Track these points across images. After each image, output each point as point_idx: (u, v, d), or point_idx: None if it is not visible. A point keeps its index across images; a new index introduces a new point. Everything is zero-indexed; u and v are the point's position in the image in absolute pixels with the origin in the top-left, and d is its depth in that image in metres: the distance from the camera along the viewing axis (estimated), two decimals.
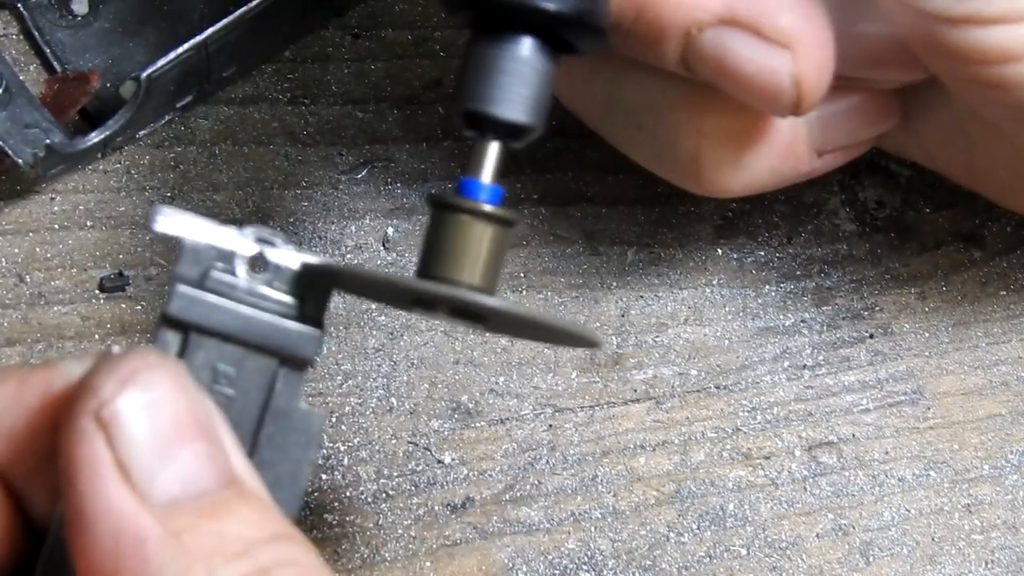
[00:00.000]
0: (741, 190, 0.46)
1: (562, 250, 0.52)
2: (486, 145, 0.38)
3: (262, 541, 0.31)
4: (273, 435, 0.35)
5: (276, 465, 0.35)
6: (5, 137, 0.47)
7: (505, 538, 0.49)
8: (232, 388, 0.35)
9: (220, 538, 0.31)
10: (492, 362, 0.51)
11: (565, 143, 0.53)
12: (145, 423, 0.31)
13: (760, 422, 0.51)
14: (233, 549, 0.30)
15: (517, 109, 0.38)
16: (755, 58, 0.40)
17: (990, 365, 0.53)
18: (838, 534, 0.50)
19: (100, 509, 0.30)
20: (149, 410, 0.31)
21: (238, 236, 0.36)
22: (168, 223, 0.35)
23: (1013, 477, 0.51)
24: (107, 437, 0.31)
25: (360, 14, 0.54)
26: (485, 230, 0.38)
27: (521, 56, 0.38)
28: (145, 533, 0.30)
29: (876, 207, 0.54)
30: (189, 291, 0.35)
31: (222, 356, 0.35)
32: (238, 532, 0.31)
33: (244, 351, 0.35)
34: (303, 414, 0.36)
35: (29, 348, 0.49)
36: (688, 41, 0.40)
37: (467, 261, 0.37)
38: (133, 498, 0.30)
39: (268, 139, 0.52)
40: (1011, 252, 0.54)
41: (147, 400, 0.31)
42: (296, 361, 0.36)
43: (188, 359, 0.35)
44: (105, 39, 0.51)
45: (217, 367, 0.35)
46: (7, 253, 0.50)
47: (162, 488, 0.31)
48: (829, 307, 0.53)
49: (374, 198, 0.52)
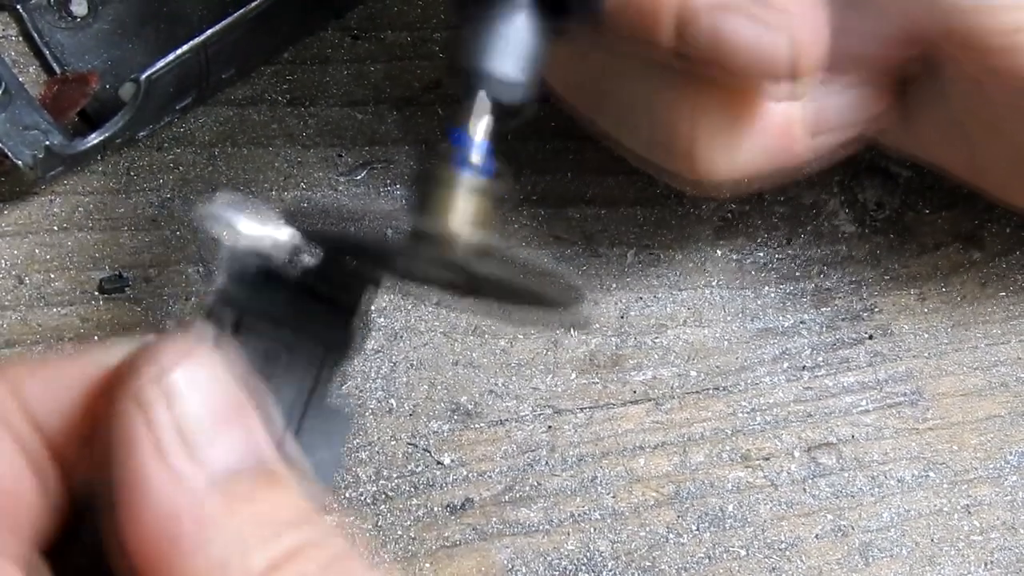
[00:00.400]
0: (735, 173, 0.46)
1: (561, 251, 0.52)
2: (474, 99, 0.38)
3: (293, 524, 0.32)
4: (315, 422, 0.36)
5: (315, 452, 0.36)
6: (4, 139, 0.47)
7: (504, 539, 0.49)
8: (281, 371, 0.36)
9: (252, 520, 0.31)
10: (491, 363, 0.51)
11: (564, 144, 0.53)
12: (201, 396, 0.32)
13: (759, 423, 0.51)
14: (264, 531, 0.31)
15: (507, 65, 0.38)
16: (752, 25, 0.40)
17: (989, 366, 0.53)
18: (837, 535, 0.50)
19: (141, 488, 0.31)
20: (190, 393, 0.32)
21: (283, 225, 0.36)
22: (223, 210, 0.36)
23: (1012, 478, 0.51)
24: (147, 419, 0.32)
25: (359, 16, 0.54)
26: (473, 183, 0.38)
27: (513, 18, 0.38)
28: (182, 512, 0.31)
29: (875, 208, 0.54)
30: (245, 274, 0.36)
31: (274, 339, 0.36)
32: (269, 515, 0.32)
33: (294, 337, 0.36)
34: (334, 412, 0.37)
35: (28, 350, 0.49)
36: (683, 15, 0.40)
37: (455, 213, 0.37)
38: (172, 478, 0.31)
39: (267, 140, 0.52)
40: (1010, 253, 0.54)
41: (188, 384, 0.32)
42: (339, 352, 0.37)
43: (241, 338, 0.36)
44: (104, 41, 0.52)
45: (268, 349, 0.36)
46: (6, 254, 0.50)
47: (201, 470, 0.32)
48: (828, 308, 0.53)
49: (373, 199, 0.52)
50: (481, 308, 0.46)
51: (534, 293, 0.39)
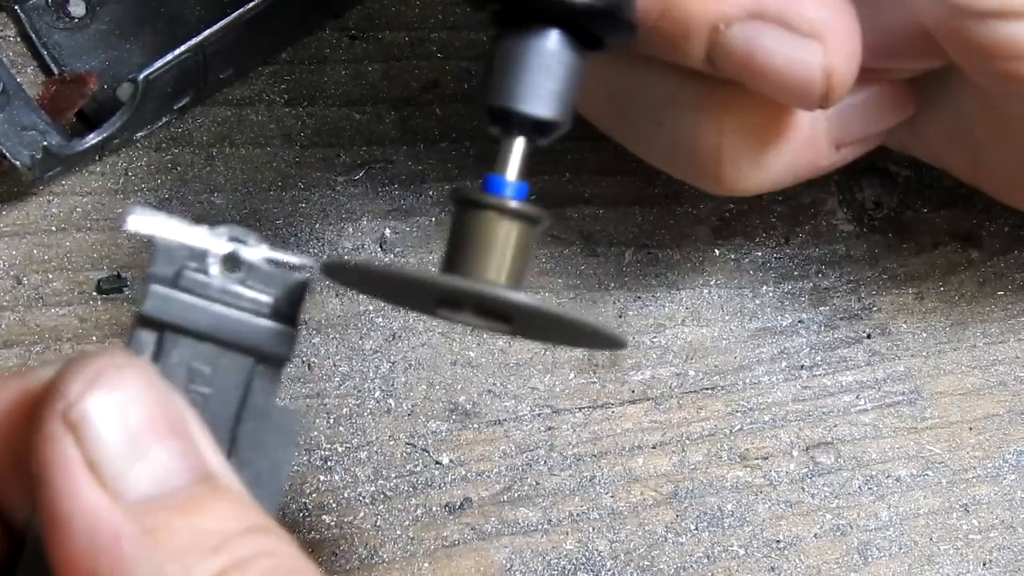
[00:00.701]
0: (760, 187, 0.46)
1: (560, 251, 0.52)
2: (512, 141, 0.37)
3: (237, 534, 0.31)
4: (251, 433, 0.35)
5: (255, 463, 0.35)
6: (2, 139, 0.47)
7: (503, 539, 0.49)
8: (208, 386, 0.35)
9: (194, 533, 0.31)
10: (490, 363, 0.51)
11: (562, 145, 0.53)
12: (113, 422, 0.31)
13: (758, 422, 0.51)
14: (208, 544, 0.30)
15: (543, 105, 0.37)
16: (785, 51, 0.39)
17: (988, 365, 0.53)
18: (836, 534, 0.50)
19: (73, 509, 0.30)
20: (117, 409, 0.31)
21: (211, 235, 0.36)
22: (140, 222, 0.35)
23: (1011, 477, 0.51)
24: (76, 438, 0.31)
25: (357, 16, 0.54)
26: (511, 227, 0.37)
27: (548, 50, 0.37)
28: (119, 531, 0.30)
29: (874, 207, 0.54)
30: (163, 290, 0.35)
31: (197, 355, 0.35)
32: (213, 527, 0.31)
33: (219, 350, 0.35)
34: (280, 412, 0.36)
35: (27, 350, 0.49)
36: (715, 37, 0.40)
37: (493, 259, 0.37)
38: (105, 497, 0.30)
39: (265, 141, 0.52)
40: (1009, 252, 0.54)
41: (114, 399, 0.31)
42: (271, 360, 0.36)
43: (164, 358, 0.35)
44: (102, 41, 0.52)
45: (193, 366, 0.35)
46: (4, 255, 0.50)
47: (134, 486, 0.31)
48: (827, 307, 0.53)
49: (371, 200, 0.52)
50: None
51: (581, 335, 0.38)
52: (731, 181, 0.45)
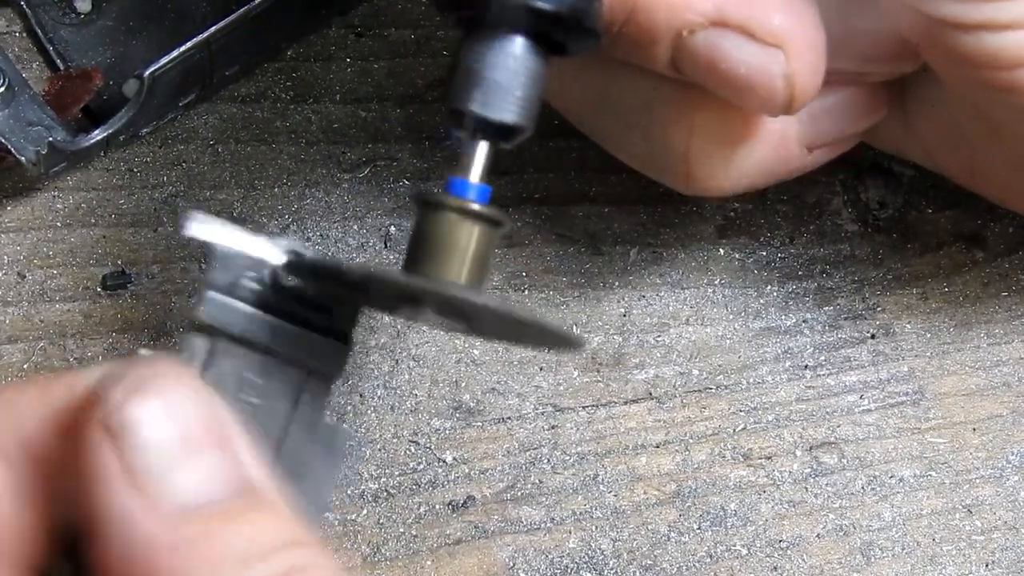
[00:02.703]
0: (731, 188, 0.46)
1: (564, 249, 0.52)
2: (475, 145, 0.38)
3: (276, 548, 0.31)
4: (298, 447, 0.35)
5: (300, 479, 0.35)
6: (8, 135, 0.47)
7: (506, 537, 0.49)
8: (258, 397, 0.35)
9: (232, 545, 0.30)
10: (494, 361, 0.51)
11: (567, 143, 0.53)
12: (154, 431, 0.31)
13: (761, 422, 0.51)
14: (245, 556, 0.30)
15: (507, 110, 0.37)
16: (747, 59, 0.40)
17: (991, 366, 0.53)
18: (839, 534, 0.50)
19: (112, 517, 0.30)
20: (159, 418, 0.31)
21: (269, 245, 0.35)
22: (201, 229, 0.35)
23: (1014, 478, 0.51)
24: (116, 445, 0.31)
25: (363, 13, 0.54)
26: (472, 229, 0.37)
27: (512, 56, 0.37)
28: (156, 540, 0.30)
29: (878, 207, 0.54)
30: (219, 298, 0.35)
31: (249, 365, 0.35)
32: (251, 539, 0.31)
33: (271, 361, 0.35)
34: (328, 428, 0.35)
35: (31, 346, 0.49)
36: (679, 43, 0.40)
37: (454, 260, 0.37)
38: (144, 506, 0.30)
39: (271, 138, 0.52)
40: (1013, 253, 0.54)
41: (156, 408, 0.31)
42: (322, 375, 0.35)
43: (215, 366, 0.35)
44: (108, 37, 0.52)
45: (244, 375, 0.35)
46: (9, 251, 0.50)
47: (174, 495, 0.31)
48: (831, 307, 0.53)
49: (376, 197, 0.52)
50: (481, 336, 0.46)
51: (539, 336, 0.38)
52: (701, 181, 0.45)
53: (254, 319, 0.35)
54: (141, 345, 0.49)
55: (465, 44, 0.38)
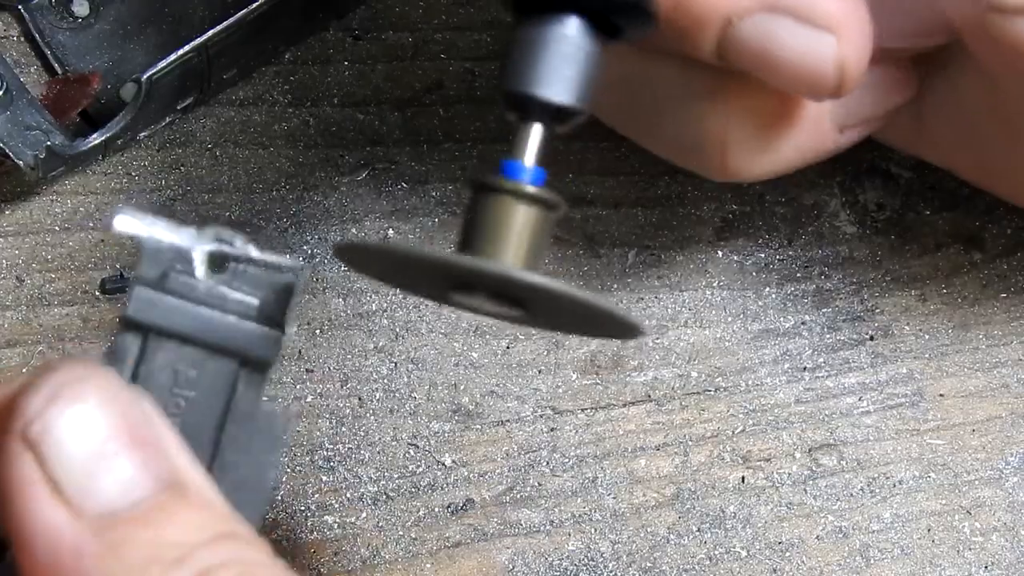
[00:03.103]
0: (767, 173, 0.45)
1: (562, 252, 0.52)
2: (529, 127, 0.37)
3: (203, 544, 0.31)
4: (236, 437, 0.35)
5: (240, 467, 0.35)
6: (6, 139, 0.47)
7: (505, 540, 0.49)
8: (193, 390, 0.35)
9: (157, 546, 0.30)
10: (492, 364, 0.51)
11: (565, 145, 0.53)
12: (73, 437, 0.31)
13: (760, 424, 0.51)
14: (171, 556, 0.30)
15: (562, 90, 0.36)
16: (798, 44, 0.39)
17: (990, 367, 0.53)
18: (838, 536, 0.50)
19: (36, 528, 0.30)
20: (77, 424, 0.31)
21: (197, 236, 0.35)
22: (126, 223, 0.35)
23: (1013, 479, 0.51)
24: (36, 456, 0.30)
25: (361, 16, 0.54)
26: (528, 212, 0.36)
27: (567, 37, 0.36)
28: (81, 548, 0.30)
29: (876, 209, 0.54)
30: (147, 293, 0.34)
31: (182, 358, 0.35)
32: (177, 538, 0.30)
33: (205, 353, 0.35)
34: (266, 415, 0.35)
35: (29, 350, 0.49)
36: (727, 30, 0.39)
37: (509, 244, 0.36)
38: (67, 514, 0.30)
39: (269, 141, 0.52)
40: (1012, 254, 0.54)
41: (74, 414, 0.31)
42: (257, 363, 0.35)
43: (147, 361, 0.34)
44: (106, 41, 0.52)
45: (177, 369, 0.35)
46: (7, 255, 0.50)
47: (97, 501, 0.30)
48: (829, 309, 0.53)
49: (375, 200, 0.52)
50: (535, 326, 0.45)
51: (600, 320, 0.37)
52: (736, 167, 0.45)
53: (184, 311, 0.35)
54: None
55: (521, 26, 0.37)
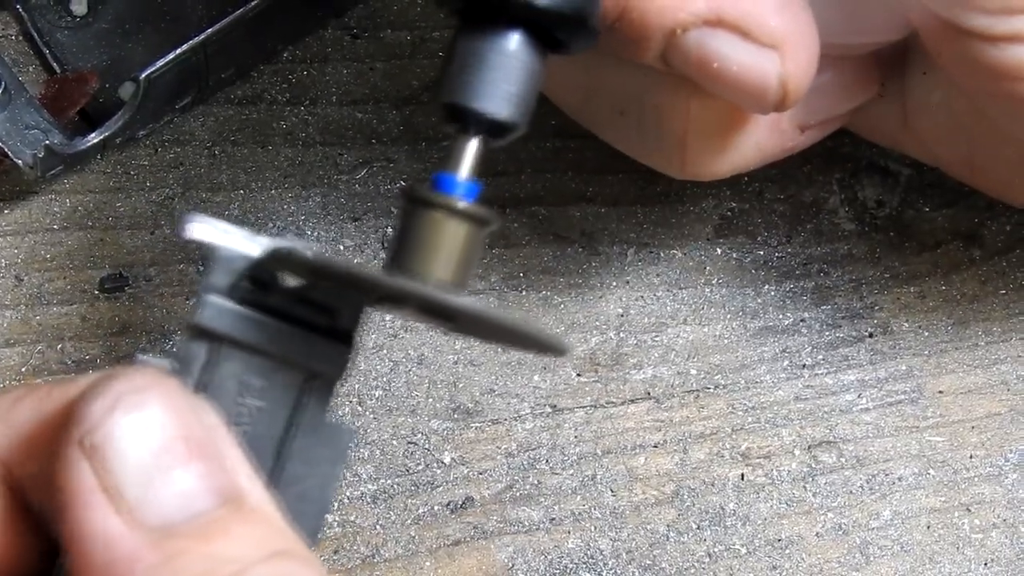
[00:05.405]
0: (726, 172, 0.46)
1: (562, 250, 0.52)
2: (466, 140, 0.37)
3: (259, 560, 0.30)
4: (300, 449, 0.35)
5: (303, 479, 0.35)
6: (4, 138, 0.47)
7: (505, 537, 0.49)
8: (259, 400, 0.34)
9: (213, 560, 0.30)
10: (492, 362, 0.51)
11: (565, 143, 0.53)
12: (133, 447, 0.31)
13: (760, 421, 0.51)
14: (227, 571, 0.30)
15: (501, 105, 0.36)
16: (741, 59, 0.39)
17: (989, 364, 0.53)
18: (837, 533, 0.50)
19: (91, 536, 0.30)
20: (137, 434, 0.31)
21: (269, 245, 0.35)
22: (201, 230, 0.34)
23: (1012, 476, 0.51)
24: (94, 464, 0.30)
25: (359, 15, 0.54)
26: (459, 228, 0.36)
27: (508, 51, 0.36)
28: (135, 559, 0.30)
29: (875, 206, 0.54)
30: (218, 301, 0.34)
31: (250, 368, 0.34)
32: (233, 553, 0.30)
33: (272, 364, 0.34)
34: (331, 429, 0.35)
35: (28, 349, 0.49)
36: (671, 41, 0.40)
37: (438, 259, 0.36)
38: (123, 524, 0.30)
39: (267, 140, 0.52)
40: (1010, 251, 0.54)
41: (134, 424, 0.31)
42: (324, 376, 0.35)
43: (215, 370, 0.34)
44: (104, 40, 0.52)
45: (244, 379, 0.34)
46: (6, 254, 0.50)
47: (154, 512, 0.30)
48: (828, 306, 0.53)
49: (373, 198, 0.52)
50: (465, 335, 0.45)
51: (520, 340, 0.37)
52: (697, 167, 0.45)
53: (254, 321, 0.34)
54: (139, 348, 0.50)
55: (460, 37, 0.37)
